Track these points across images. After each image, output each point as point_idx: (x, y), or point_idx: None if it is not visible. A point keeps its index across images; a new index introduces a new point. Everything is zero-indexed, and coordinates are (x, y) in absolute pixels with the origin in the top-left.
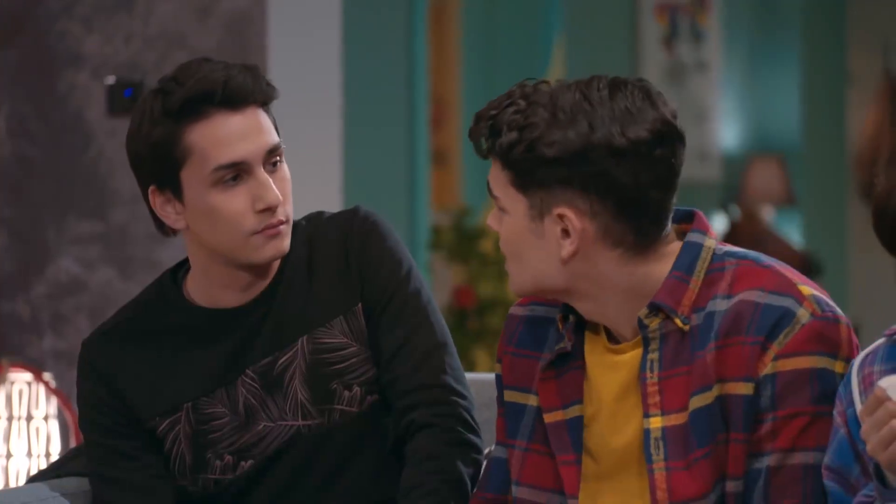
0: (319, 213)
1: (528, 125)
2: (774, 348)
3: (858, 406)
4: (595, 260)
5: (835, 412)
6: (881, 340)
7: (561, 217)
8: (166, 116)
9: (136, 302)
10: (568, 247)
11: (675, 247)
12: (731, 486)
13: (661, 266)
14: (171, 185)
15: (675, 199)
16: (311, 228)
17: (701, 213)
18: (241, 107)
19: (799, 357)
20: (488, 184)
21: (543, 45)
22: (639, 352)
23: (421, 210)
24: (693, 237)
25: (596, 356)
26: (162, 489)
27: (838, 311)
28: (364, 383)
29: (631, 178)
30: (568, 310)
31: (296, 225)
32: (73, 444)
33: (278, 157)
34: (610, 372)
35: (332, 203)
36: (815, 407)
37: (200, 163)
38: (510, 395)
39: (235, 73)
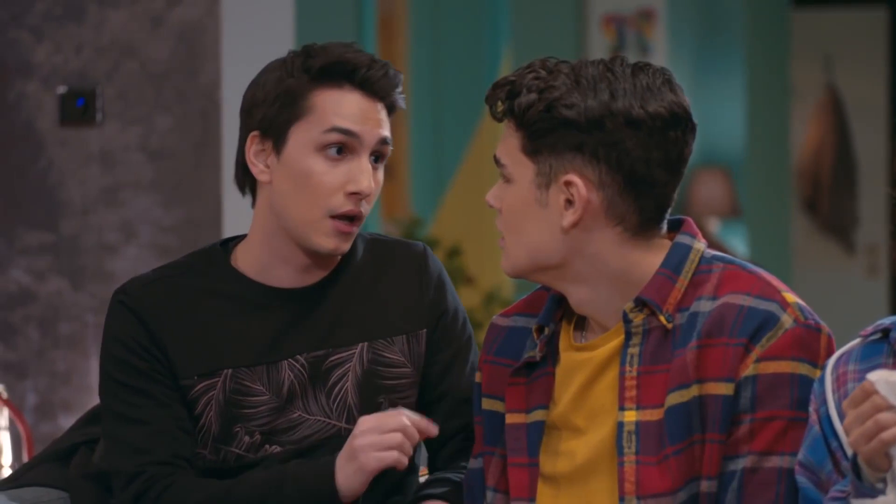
0: (381, 235)
1: (549, 87)
2: (757, 351)
3: (831, 405)
4: (594, 235)
5: (811, 408)
6: (856, 341)
7: (567, 185)
8: (304, 73)
9: (180, 263)
10: (570, 216)
11: (666, 244)
12: (706, 486)
13: (652, 258)
14: (278, 135)
15: (677, 191)
16: (376, 246)
17: (691, 219)
18: (372, 97)
19: (780, 361)
20: (495, 156)
21: (491, 58)
22: (609, 346)
23: (371, 220)
24: (682, 239)
25: (565, 360)
26: (186, 441)
27: (820, 320)
28: (408, 406)
29: (642, 152)
30: (545, 320)
31: (357, 234)
32: (25, 455)
33: (383, 156)
34: (576, 370)
35: None
36: (793, 412)
37: (317, 121)
38: (488, 404)
39: (380, 66)
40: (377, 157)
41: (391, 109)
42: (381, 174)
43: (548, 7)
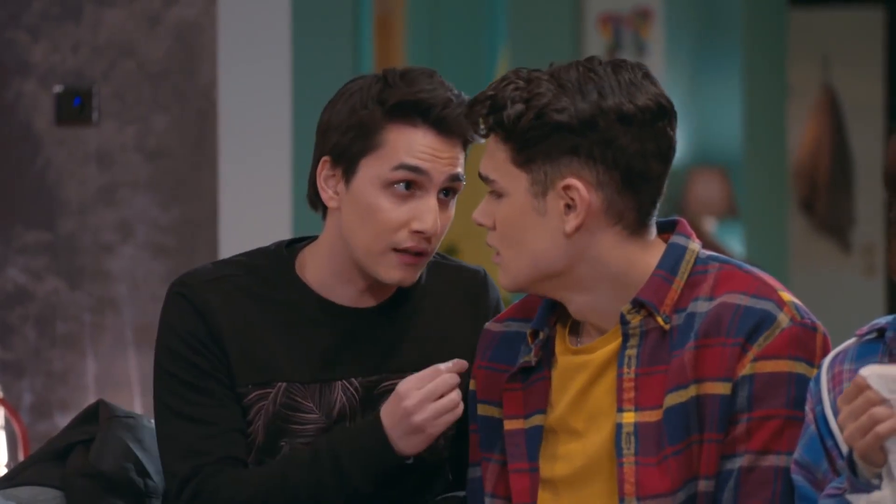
0: (446, 257)
1: (535, 95)
2: (754, 350)
3: (827, 404)
4: (595, 236)
5: (807, 408)
6: (852, 340)
7: (566, 189)
8: (378, 105)
9: (243, 263)
10: (573, 220)
11: (661, 245)
12: (703, 485)
13: (649, 258)
14: (348, 165)
15: (667, 183)
16: (439, 270)
17: (684, 220)
18: (447, 135)
19: (777, 360)
20: (480, 173)
21: (488, 58)
22: (607, 349)
23: None
24: (677, 240)
25: (562, 363)
26: (243, 444)
27: (816, 320)
28: (448, 437)
29: (637, 147)
30: (540, 324)
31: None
32: (21, 454)
33: (454, 191)
34: (574, 373)
35: (282, 211)
36: (790, 411)
37: (387, 157)
38: (484, 409)
39: (456, 105)
40: (447, 191)
41: (468, 144)
42: (451, 209)
43: (545, 7)
